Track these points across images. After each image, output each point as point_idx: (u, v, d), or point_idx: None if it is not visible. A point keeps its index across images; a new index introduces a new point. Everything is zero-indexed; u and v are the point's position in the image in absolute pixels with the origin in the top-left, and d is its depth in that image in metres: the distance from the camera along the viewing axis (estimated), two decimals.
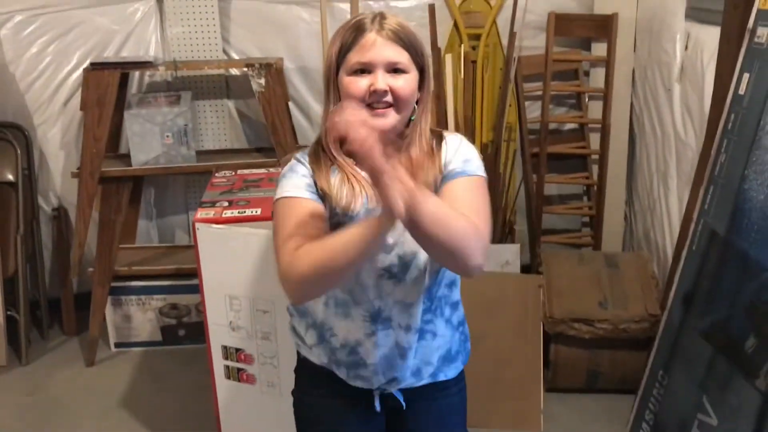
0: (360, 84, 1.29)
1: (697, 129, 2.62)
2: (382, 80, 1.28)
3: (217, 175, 2.37)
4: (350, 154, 1.29)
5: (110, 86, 2.76)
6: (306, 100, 3.32)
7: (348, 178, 1.32)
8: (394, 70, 1.30)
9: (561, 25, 3.18)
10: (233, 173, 2.39)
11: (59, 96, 3.13)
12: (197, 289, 2.94)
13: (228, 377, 2.07)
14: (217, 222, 1.96)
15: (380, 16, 1.32)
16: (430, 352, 1.42)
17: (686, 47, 2.72)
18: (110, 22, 3.12)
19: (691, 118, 2.68)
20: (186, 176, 3.33)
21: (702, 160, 2.31)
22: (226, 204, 2.06)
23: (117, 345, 3.14)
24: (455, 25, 3.23)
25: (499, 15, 3.24)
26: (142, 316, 3.11)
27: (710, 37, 2.45)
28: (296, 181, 1.33)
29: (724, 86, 2.13)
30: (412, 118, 1.36)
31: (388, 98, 1.29)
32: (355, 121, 1.05)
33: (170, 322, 3.13)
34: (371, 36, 1.29)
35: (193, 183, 3.37)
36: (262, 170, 2.43)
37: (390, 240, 1.28)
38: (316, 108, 3.34)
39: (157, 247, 3.32)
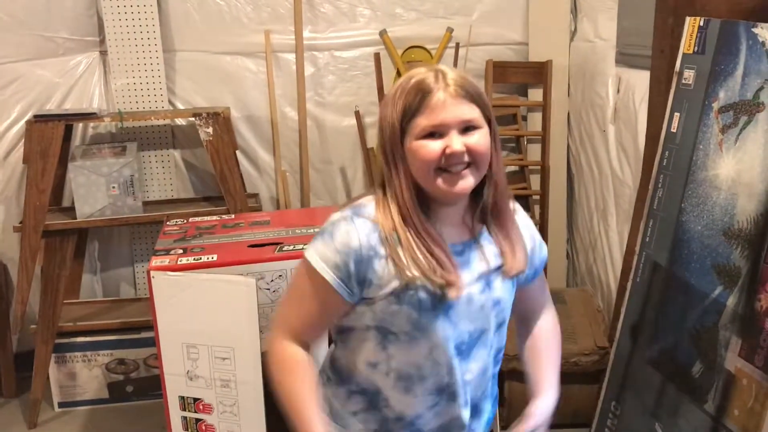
0: (433, 148, 1.18)
1: (633, 167, 2.75)
2: (457, 141, 1.18)
3: (168, 223, 2.35)
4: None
5: (54, 138, 2.73)
6: (253, 148, 3.35)
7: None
8: (466, 128, 1.20)
9: (498, 72, 3.31)
10: (185, 221, 2.38)
11: None
12: (145, 343, 2.94)
13: (186, 429, 2.03)
14: (172, 269, 1.94)
15: (441, 72, 1.20)
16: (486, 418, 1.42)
17: (618, 90, 2.88)
18: (52, 74, 3.10)
19: (626, 156, 2.81)
20: (131, 228, 3.29)
21: (640, 195, 2.42)
22: (180, 251, 2.04)
23: (61, 405, 3.02)
24: (398, 74, 3.32)
25: (440, 64, 3.34)
26: (88, 373, 3.01)
27: (640, 80, 2.60)
28: (328, 252, 1.23)
29: (657, 125, 2.26)
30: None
31: (466, 159, 1.20)
32: None
33: (117, 378, 3.04)
34: (440, 96, 1.18)
35: (138, 235, 3.33)
36: (215, 217, 2.42)
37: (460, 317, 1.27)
38: (264, 156, 3.37)
39: (102, 301, 3.24)
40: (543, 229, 3.40)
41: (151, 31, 3.08)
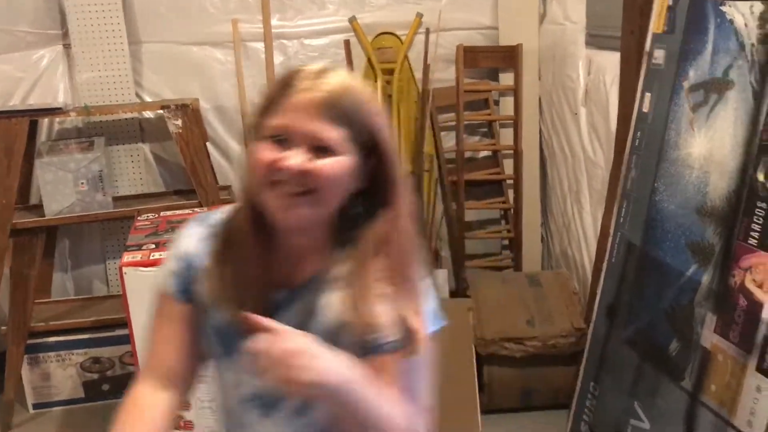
0: (265, 154, 0.95)
1: (605, 148, 2.76)
2: (296, 158, 0.94)
3: (139, 218, 2.32)
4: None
5: (19, 134, 2.66)
6: (224, 139, 3.31)
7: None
8: (320, 148, 0.95)
9: (469, 57, 3.30)
10: (156, 215, 2.34)
11: None
12: (120, 341, 2.90)
13: None
14: (145, 265, 1.91)
15: (322, 72, 0.97)
16: None
17: (589, 72, 2.88)
18: (15, 69, 3.03)
19: (598, 138, 2.83)
20: (102, 224, 3.23)
21: (613, 176, 2.43)
22: (152, 246, 2.01)
23: (35, 406, 2.97)
24: (369, 61, 3.30)
25: (410, 50, 3.33)
26: (62, 373, 2.96)
27: (610, 61, 2.61)
28: (170, 262, 1.10)
29: (628, 106, 2.26)
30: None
31: (307, 182, 0.95)
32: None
33: (92, 377, 2.99)
34: (297, 98, 0.94)
35: (109, 231, 3.27)
36: (186, 210, 2.39)
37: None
38: (235, 147, 3.32)
39: (74, 300, 3.19)
40: (517, 213, 3.41)
41: (116, 22, 3.01)
